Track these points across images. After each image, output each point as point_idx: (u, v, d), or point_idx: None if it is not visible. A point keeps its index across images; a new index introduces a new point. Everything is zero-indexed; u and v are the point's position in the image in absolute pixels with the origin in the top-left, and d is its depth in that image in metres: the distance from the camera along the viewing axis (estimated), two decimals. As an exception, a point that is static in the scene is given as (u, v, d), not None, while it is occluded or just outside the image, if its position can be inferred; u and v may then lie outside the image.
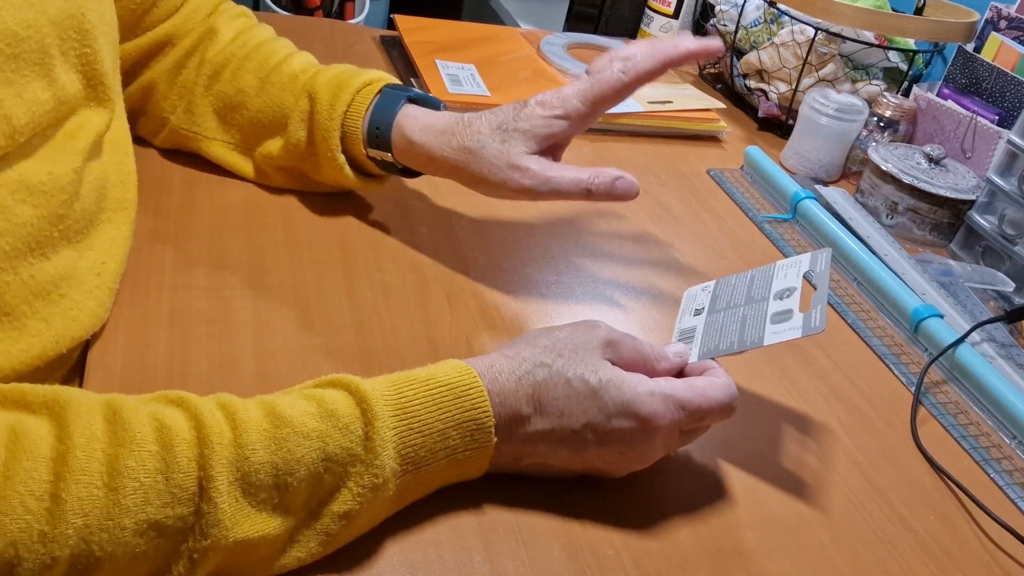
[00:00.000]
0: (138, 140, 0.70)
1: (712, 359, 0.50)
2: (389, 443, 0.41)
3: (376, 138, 0.62)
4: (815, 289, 0.51)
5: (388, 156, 0.63)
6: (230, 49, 0.66)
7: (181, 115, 0.67)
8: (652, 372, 0.48)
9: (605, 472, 0.48)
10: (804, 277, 0.52)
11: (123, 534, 0.35)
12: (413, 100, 0.64)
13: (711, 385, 0.47)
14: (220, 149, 0.68)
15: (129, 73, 0.67)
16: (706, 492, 0.50)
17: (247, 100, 0.65)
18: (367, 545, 0.43)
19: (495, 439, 0.44)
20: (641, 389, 0.45)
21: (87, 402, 0.37)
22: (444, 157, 0.60)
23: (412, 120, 0.61)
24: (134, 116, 0.69)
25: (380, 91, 0.63)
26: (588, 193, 0.57)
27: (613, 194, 0.58)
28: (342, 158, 0.63)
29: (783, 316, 0.50)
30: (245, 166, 0.68)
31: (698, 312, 0.55)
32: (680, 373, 0.50)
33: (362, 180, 0.66)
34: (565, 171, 0.57)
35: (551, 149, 0.60)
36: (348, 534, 0.41)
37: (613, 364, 0.46)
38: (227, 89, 0.66)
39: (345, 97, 0.63)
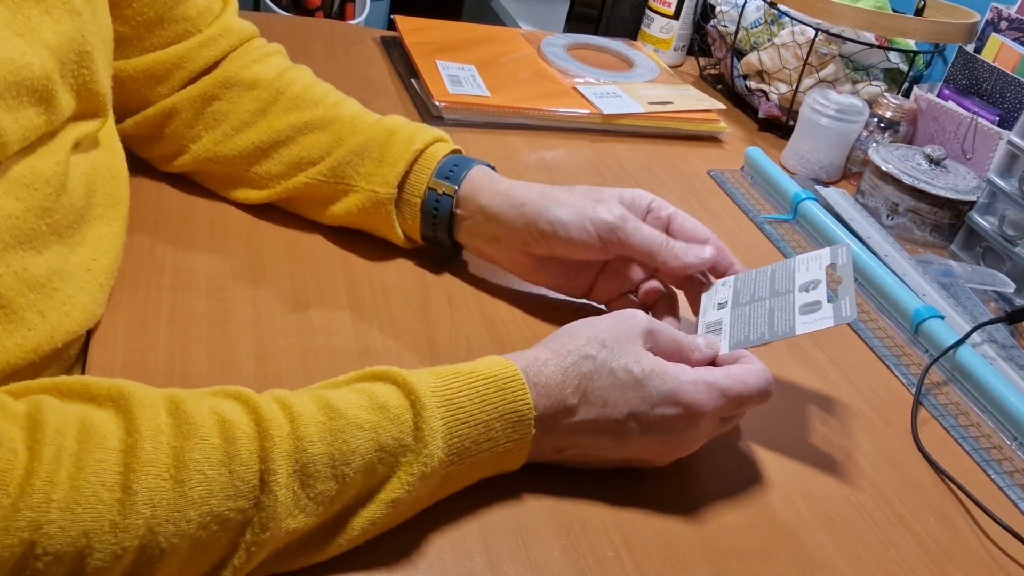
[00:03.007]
0: (143, 162, 0.67)
1: (743, 349, 0.51)
2: (438, 433, 0.42)
3: (449, 172, 0.61)
4: (842, 280, 0.52)
5: (453, 189, 0.60)
6: (276, 86, 0.65)
7: (207, 144, 0.64)
8: (687, 361, 0.49)
9: (647, 461, 0.49)
10: (827, 269, 0.54)
11: (188, 526, 0.35)
12: None
13: (748, 372, 0.49)
14: (242, 192, 0.65)
15: (137, 91, 0.63)
16: (705, 493, 0.50)
17: (298, 136, 0.64)
18: (367, 545, 0.43)
19: (534, 431, 0.45)
20: (684, 378, 0.47)
21: (150, 396, 0.38)
22: (523, 196, 0.58)
23: (488, 174, 0.61)
24: (147, 141, 0.66)
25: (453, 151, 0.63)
26: (665, 246, 0.56)
27: (687, 264, 0.56)
28: (395, 192, 0.61)
29: (812, 307, 0.51)
30: (259, 197, 0.65)
31: (721, 306, 0.56)
32: (712, 363, 0.51)
33: (404, 233, 0.63)
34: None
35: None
36: (390, 522, 0.42)
37: (653, 353, 0.48)
38: (275, 124, 0.64)
39: (426, 137, 0.62)
